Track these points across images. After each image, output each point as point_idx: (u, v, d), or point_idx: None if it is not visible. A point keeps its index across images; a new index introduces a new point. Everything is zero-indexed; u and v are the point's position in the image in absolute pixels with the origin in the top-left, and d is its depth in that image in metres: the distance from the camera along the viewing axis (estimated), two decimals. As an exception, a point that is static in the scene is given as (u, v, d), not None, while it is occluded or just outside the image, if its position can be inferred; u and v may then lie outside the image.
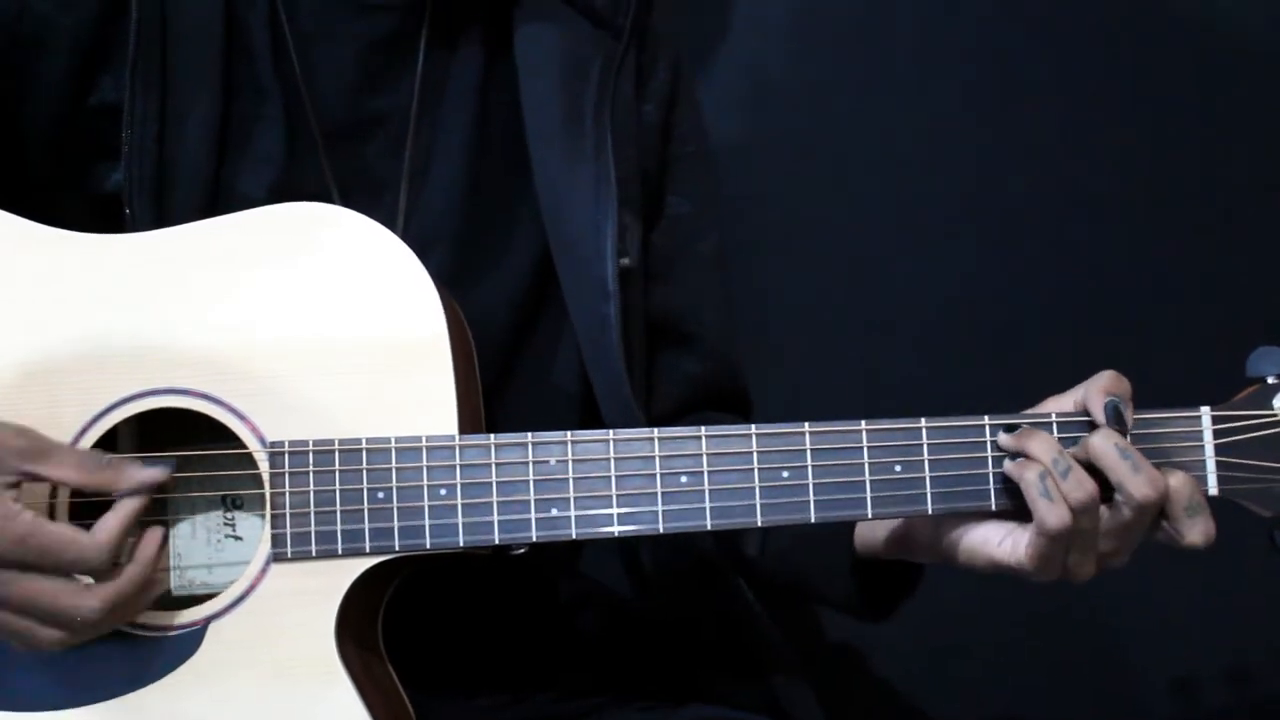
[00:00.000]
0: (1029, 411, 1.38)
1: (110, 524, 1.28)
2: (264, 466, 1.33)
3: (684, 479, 1.34)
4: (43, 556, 1.26)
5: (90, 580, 1.29)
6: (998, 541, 1.36)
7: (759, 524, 1.34)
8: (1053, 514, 1.30)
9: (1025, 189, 2.17)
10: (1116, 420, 1.33)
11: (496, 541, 1.34)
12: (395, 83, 1.53)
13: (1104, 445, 1.32)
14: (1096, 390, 1.35)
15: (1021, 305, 2.17)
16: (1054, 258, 2.17)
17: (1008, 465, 1.34)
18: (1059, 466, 1.31)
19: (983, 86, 2.16)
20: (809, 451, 1.35)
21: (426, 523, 1.33)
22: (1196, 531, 1.33)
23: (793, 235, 2.16)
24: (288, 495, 1.33)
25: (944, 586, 1.51)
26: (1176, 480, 1.32)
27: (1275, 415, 1.36)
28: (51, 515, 1.32)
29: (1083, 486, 1.31)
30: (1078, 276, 2.17)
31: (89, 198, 1.48)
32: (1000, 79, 2.17)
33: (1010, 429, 1.35)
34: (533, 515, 1.34)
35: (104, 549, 1.28)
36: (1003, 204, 2.17)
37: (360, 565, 1.33)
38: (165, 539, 1.34)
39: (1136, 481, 1.30)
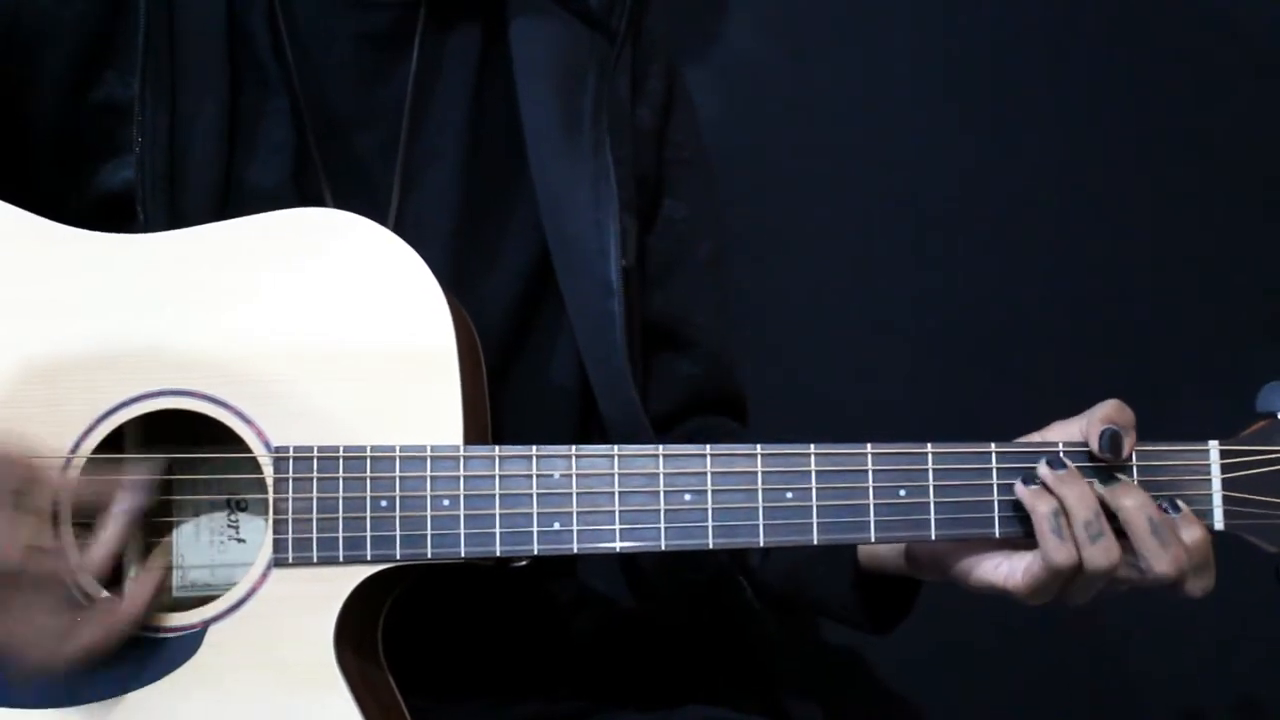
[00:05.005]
0: (1035, 437, 1.36)
1: (102, 542, 1.29)
2: (268, 471, 1.33)
3: (687, 497, 1.34)
4: (36, 578, 1.27)
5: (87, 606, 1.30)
6: (994, 565, 1.36)
7: (761, 544, 1.34)
8: (1062, 552, 1.29)
9: (1027, 192, 2.16)
10: (1112, 449, 1.31)
11: (498, 554, 1.33)
12: (389, 80, 1.52)
13: (1138, 517, 1.30)
14: (1097, 419, 1.33)
15: (1021, 308, 2.17)
16: (1050, 260, 2.17)
17: (1021, 490, 1.32)
18: (1091, 530, 1.29)
19: (982, 89, 2.15)
20: (813, 473, 1.34)
21: (429, 533, 1.33)
22: (1198, 587, 1.32)
23: (790, 238, 2.15)
24: (291, 500, 1.33)
25: (944, 588, 1.51)
26: (1193, 541, 1.31)
27: (1286, 451, 1.36)
28: (55, 524, 1.32)
29: (1109, 555, 1.30)
30: (1074, 278, 2.16)
31: (94, 195, 1.47)
32: (1000, 81, 2.15)
33: (1053, 463, 1.32)
34: (535, 529, 1.33)
35: (97, 566, 1.29)
36: (1003, 208, 2.16)
37: (361, 573, 1.33)
38: (164, 579, 1.35)
39: (1161, 559, 1.30)
